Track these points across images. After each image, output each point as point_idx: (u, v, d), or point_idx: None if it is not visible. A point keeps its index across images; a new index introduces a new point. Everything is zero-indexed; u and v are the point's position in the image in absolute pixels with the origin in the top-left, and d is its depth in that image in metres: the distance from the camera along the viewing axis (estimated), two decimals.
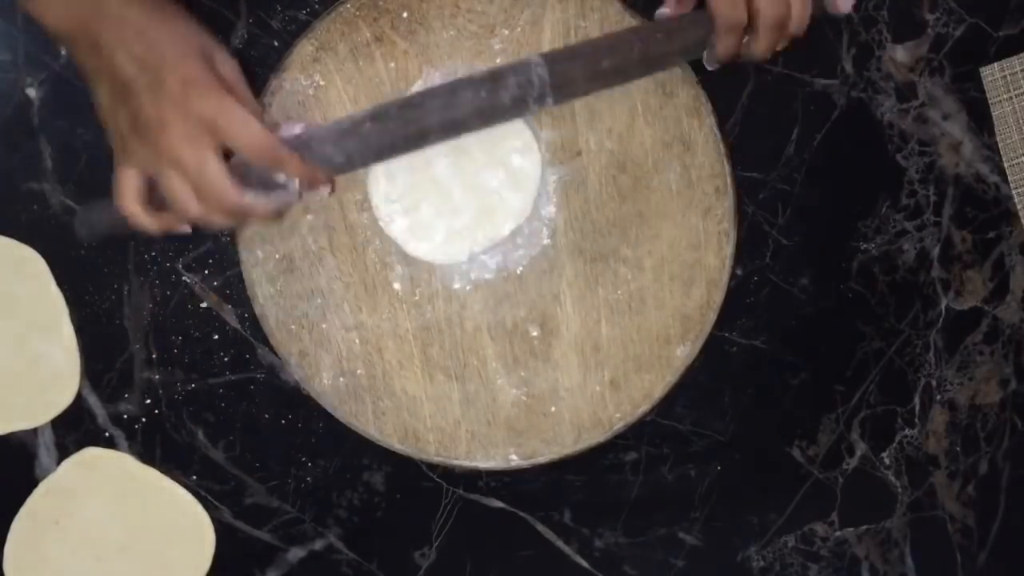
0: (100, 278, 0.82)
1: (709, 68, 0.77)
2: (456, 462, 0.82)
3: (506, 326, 0.82)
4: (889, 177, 0.85)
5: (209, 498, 0.83)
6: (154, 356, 0.83)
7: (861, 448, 0.86)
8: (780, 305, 0.84)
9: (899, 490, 0.86)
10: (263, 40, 0.81)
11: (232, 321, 0.83)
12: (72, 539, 0.82)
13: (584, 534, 0.85)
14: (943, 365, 0.86)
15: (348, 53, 0.80)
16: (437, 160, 0.80)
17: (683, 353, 0.82)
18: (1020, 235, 0.86)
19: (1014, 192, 0.85)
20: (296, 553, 0.84)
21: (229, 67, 0.73)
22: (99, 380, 0.82)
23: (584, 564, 0.85)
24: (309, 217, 0.80)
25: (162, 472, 0.83)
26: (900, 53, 0.84)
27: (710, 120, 0.81)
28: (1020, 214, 0.85)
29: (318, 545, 0.84)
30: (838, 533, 0.86)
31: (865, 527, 0.86)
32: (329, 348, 0.81)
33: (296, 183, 0.71)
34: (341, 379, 0.81)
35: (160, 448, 0.83)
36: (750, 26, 0.74)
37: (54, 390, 0.82)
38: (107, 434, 0.83)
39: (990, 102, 0.85)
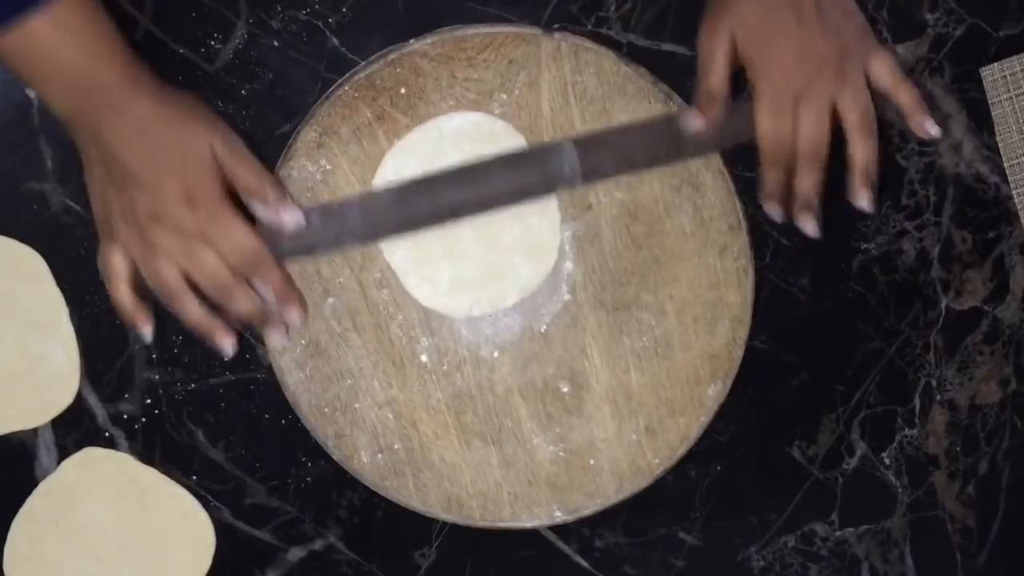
0: (100, 278, 0.82)
1: (773, 216, 0.77)
2: (502, 525, 0.82)
3: (536, 385, 0.82)
4: (889, 177, 0.85)
5: (209, 498, 0.83)
6: (154, 356, 0.82)
7: (861, 448, 0.86)
8: (780, 305, 0.84)
9: (899, 490, 0.86)
10: (263, 40, 0.81)
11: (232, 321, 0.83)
12: (72, 539, 0.82)
13: (584, 534, 0.85)
14: (943, 365, 0.86)
15: (351, 135, 0.80)
16: None
17: (715, 392, 0.82)
18: (1020, 235, 0.86)
19: (1014, 192, 0.86)
20: (296, 553, 0.84)
21: (230, 148, 0.73)
22: (99, 380, 0.82)
23: (584, 564, 0.85)
24: (330, 300, 0.80)
25: (162, 472, 0.83)
26: (900, 53, 0.84)
27: (717, 159, 0.81)
28: (1020, 214, 0.86)
29: (318, 545, 0.84)
30: (838, 533, 0.86)
31: (865, 527, 0.86)
32: (364, 427, 0.81)
33: (271, 293, 0.74)
34: (379, 456, 0.81)
35: (160, 448, 0.83)
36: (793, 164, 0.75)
37: (54, 390, 0.82)
38: (107, 434, 0.83)
39: (990, 102, 0.85)
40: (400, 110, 0.80)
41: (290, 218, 0.74)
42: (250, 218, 0.73)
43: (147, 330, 0.74)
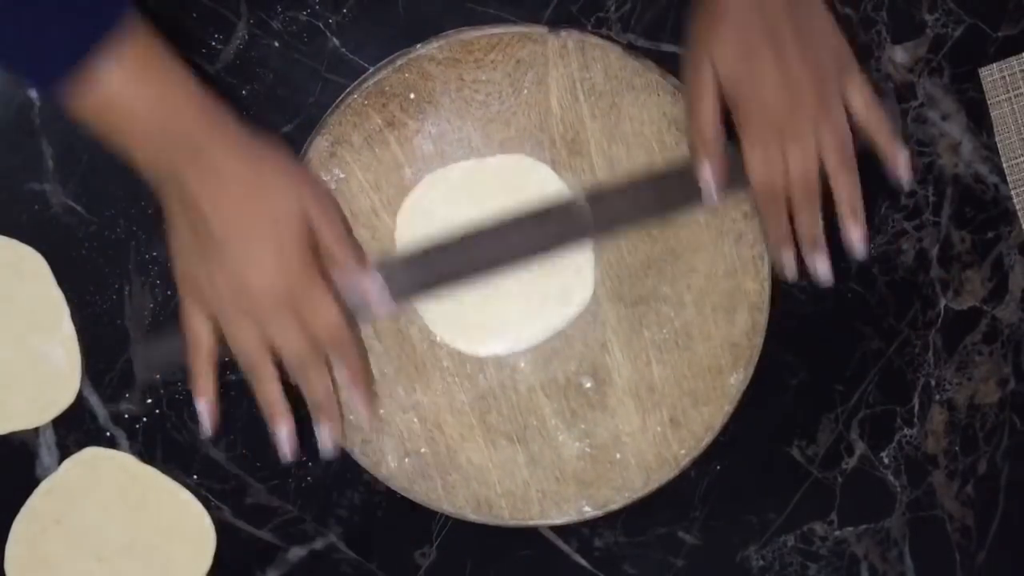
0: (101, 278, 0.82)
1: (786, 270, 0.77)
2: (531, 522, 0.82)
3: (559, 382, 0.82)
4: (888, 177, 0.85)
5: (210, 497, 0.83)
6: None
7: (860, 448, 0.86)
8: (780, 305, 0.84)
9: (898, 490, 0.86)
10: (263, 41, 0.81)
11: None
12: (73, 538, 0.82)
13: (584, 534, 0.85)
14: (942, 365, 0.86)
15: (363, 142, 0.80)
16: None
17: (737, 380, 0.82)
18: (1019, 235, 0.86)
19: (1013, 192, 0.86)
20: (296, 552, 0.84)
21: (325, 215, 0.73)
22: (100, 380, 0.83)
23: (584, 564, 0.85)
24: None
25: (163, 472, 0.83)
26: (899, 54, 0.85)
27: (728, 148, 0.81)
28: (1019, 214, 0.86)
29: (319, 544, 0.84)
30: (837, 532, 0.86)
31: (864, 526, 0.87)
32: (390, 432, 0.81)
33: (346, 377, 0.75)
34: (406, 460, 0.81)
35: (161, 448, 0.83)
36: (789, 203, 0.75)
37: (55, 390, 0.82)
38: (108, 434, 0.83)
39: (989, 103, 0.85)
40: (410, 115, 0.80)
41: (371, 286, 0.74)
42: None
43: (209, 429, 0.74)
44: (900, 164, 0.75)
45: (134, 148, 0.68)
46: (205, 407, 0.74)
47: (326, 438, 0.76)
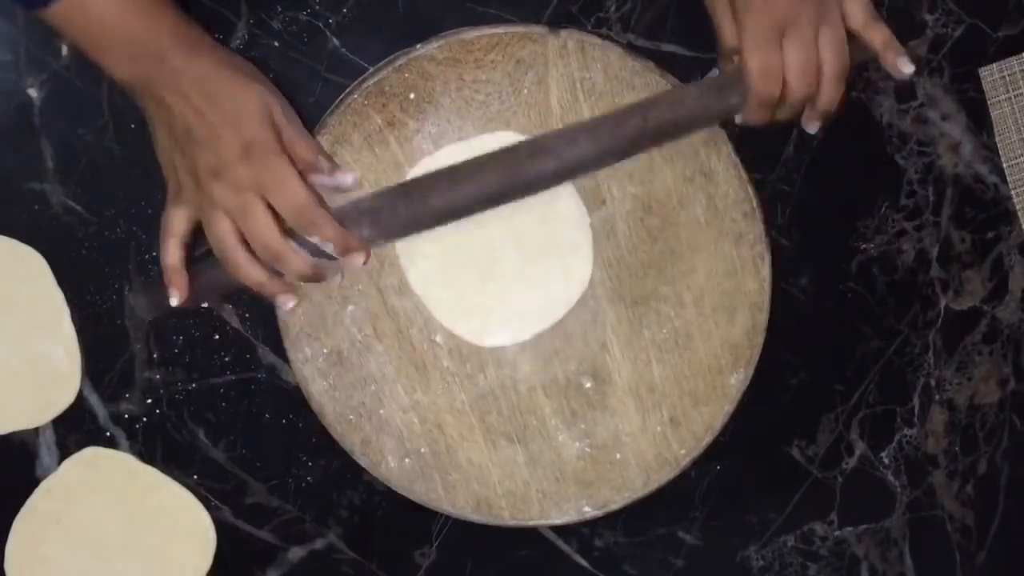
0: (101, 278, 0.82)
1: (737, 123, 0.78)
2: (532, 523, 0.82)
3: (559, 382, 0.82)
4: (888, 177, 0.85)
5: (210, 497, 0.83)
6: (155, 356, 0.83)
7: (860, 448, 0.86)
8: (780, 305, 0.84)
9: (898, 490, 0.86)
10: (263, 41, 0.81)
11: (233, 321, 0.83)
12: (73, 538, 0.82)
13: (584, 534, 0.85)
14: (942, 365, 0.86)
15: (363, 142, 0.80)
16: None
17: (737, 380, 0.82)
18: (1019, 235, 0.86)
19: (1013, 192, 0.86)
20: (297, 552, 0.84)
21: (287, 116, 0.75)
22: (100, 380, 0.83)
23: (584, 564, 0.85)
24: (350, 308, 0.81)
25: (163, 472, 0.83)
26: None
27: (727, 147, 0.81)
28: (1019, 214, 0.86)
29: (319, 544, 0.84)
30: (837, 533, 0.86)
31: (864, 526, 0.87)
32: (390, 432, 0.81)
33: (331, 247, 0.74)
34: (407, 460, 0.81)
35: (161, 448, 0.83)
36: (780, 98, 0.75)
37: (55, 390, 0.82)
38: (108, 433, 0.83)
39: (989, 102, 0.85)
40: (410, 115, 0.80)
41: (348, 177, 0.77)
42: None
43: (176, 295, 0.75)
44: (900, 60, 0.76)
45: (105, 55, 0.71)
46: (173, 292, 0.75)
47: (336, 281, 0.79)
